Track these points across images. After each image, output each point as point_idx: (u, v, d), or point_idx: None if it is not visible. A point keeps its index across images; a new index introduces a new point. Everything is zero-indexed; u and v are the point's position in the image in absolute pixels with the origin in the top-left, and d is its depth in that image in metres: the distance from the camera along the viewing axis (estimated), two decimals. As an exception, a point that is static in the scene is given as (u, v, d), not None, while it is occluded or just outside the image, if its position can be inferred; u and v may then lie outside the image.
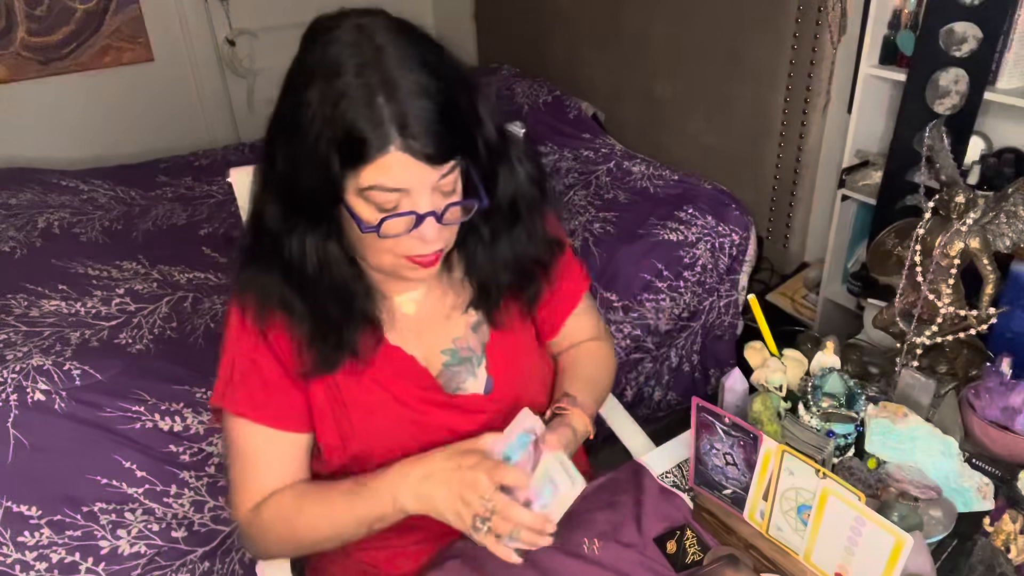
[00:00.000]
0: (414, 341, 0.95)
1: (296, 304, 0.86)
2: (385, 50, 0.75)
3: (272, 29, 3.24)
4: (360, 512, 0.87)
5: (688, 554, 0.93)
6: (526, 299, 1.00)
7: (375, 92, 0.73)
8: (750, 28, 2.27)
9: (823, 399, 0.98)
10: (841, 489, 0.76)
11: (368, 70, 0.74)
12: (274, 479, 0.92)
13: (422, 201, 0.78)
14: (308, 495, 0.91)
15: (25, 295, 1.79)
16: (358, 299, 0.88)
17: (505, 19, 3.30)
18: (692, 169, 2.44)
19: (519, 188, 0.90)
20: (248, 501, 0.92)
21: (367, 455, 0.93)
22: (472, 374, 0.98)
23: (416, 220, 0.79)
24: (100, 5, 2.86)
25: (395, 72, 0.74)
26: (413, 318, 0.96)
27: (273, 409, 0.90)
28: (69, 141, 2.96)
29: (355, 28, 0.77)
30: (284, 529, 0.91)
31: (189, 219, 2.34)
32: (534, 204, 0.93)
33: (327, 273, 0.85)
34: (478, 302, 0.97)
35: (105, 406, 1.47)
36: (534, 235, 0.95)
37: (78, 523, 1.43)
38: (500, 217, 0.91)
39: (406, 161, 0.75)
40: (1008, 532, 0.88)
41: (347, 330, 0.88)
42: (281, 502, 0.91)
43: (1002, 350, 1.08)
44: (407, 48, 0.76)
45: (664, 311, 2.04)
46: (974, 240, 1.04)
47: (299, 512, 0.90)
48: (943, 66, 1.72)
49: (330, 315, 0.87)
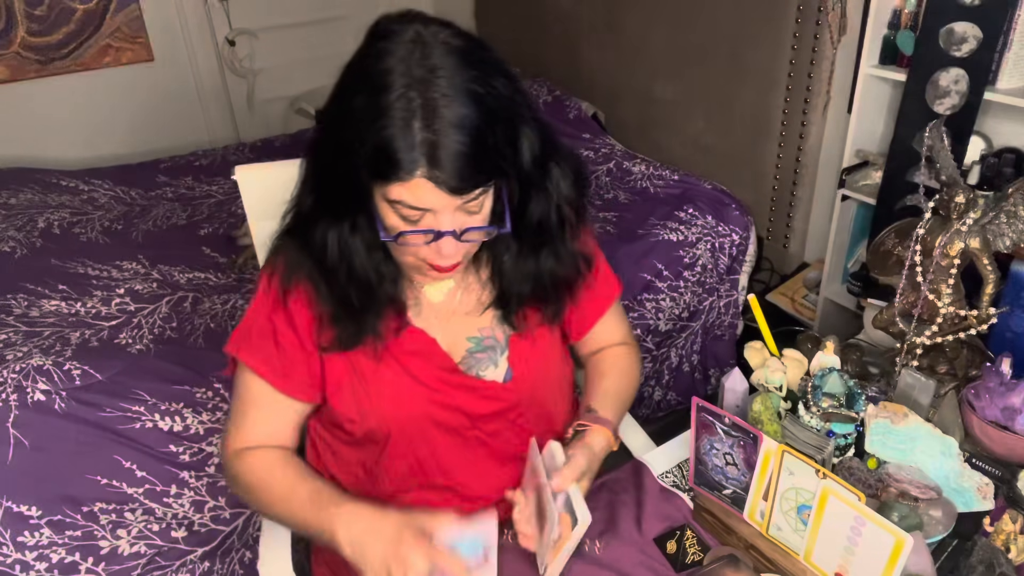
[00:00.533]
0: (438, 326, 0.97)
1: (321, 285, 0.90)
2: (436, 72, 0.75)
3: (272, 29, 3.24)
4: (308, 519, 0.90)
5: (688, 554, 0.93)
6: (548, 313, 1.01)
7: (414, 115, 0.74)
8: (750, 28, 2.27)
9: (823, 399, 0.98)
10: (841, 489, 0.76)
11: (413, 91, 0.74)
12: (265, 434, 0.97)
13: (445, 220, 0.80)
14: (283, 473, 0.94)
15: (25, 295, 1.79)
16: (384, 283, 0.91)
17: (505, 19, 3.30)
18: (692, 169, 2.44)
19: (548, 213, 0.91)
20: (237, 443, 0.97)
21: (384, 430, 0.96)
22: (494, 363, 1.00)
23: (434, 236, 0.81)
24: (100, 5, 2.86)
25: (439, 100, 0.74)
26: (440, 305, 0.98)
27: (281, 371, 0.94)
28: (69, 141, 2.96)
29: (414, 40, 0.77)
30: (251, 486, 0.95)
31: (189, 219, 2.34)
32: (564, 227, 0.94)
33: (347, 264, 0.87)
34: (497, 306, 0.99)
35: (105, 406, 1.47)
36: (561, 256, 0.96)
37: (78, 523, 1.43)
38: (528, 235, 0.93)
39: (430, 188, 0.76)
40: (1008, 532, 0.88)
41: (369, 315, 0.91)
42: (259, 464, 0.95)
43: (1002, 350, 1.08)
44: (459, 74, 0.76)
45: (664, 311, 2.04)
46: (974, 240, 1.04)
47: (268, 483, 0.94)
48: (943, 66, 1.72)
49: (352, 301, 0.89)
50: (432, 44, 0.77)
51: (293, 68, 3.36)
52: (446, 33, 0.79)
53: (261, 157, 2.74)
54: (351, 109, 0.77)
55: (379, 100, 0.75)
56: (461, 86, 0.75)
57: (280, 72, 3.34)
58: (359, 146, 0.77)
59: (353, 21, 3.49)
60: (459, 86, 0.75)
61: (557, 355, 1.07)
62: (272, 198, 1.25)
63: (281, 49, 3.30)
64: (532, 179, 0.87)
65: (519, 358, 1.00)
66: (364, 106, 0.76)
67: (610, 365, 1.11)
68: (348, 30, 3.49)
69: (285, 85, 3.35)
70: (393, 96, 0.74)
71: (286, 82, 3.35)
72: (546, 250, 0.95)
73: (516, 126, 0.82)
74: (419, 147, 0.74)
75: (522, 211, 0.89)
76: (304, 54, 3.36)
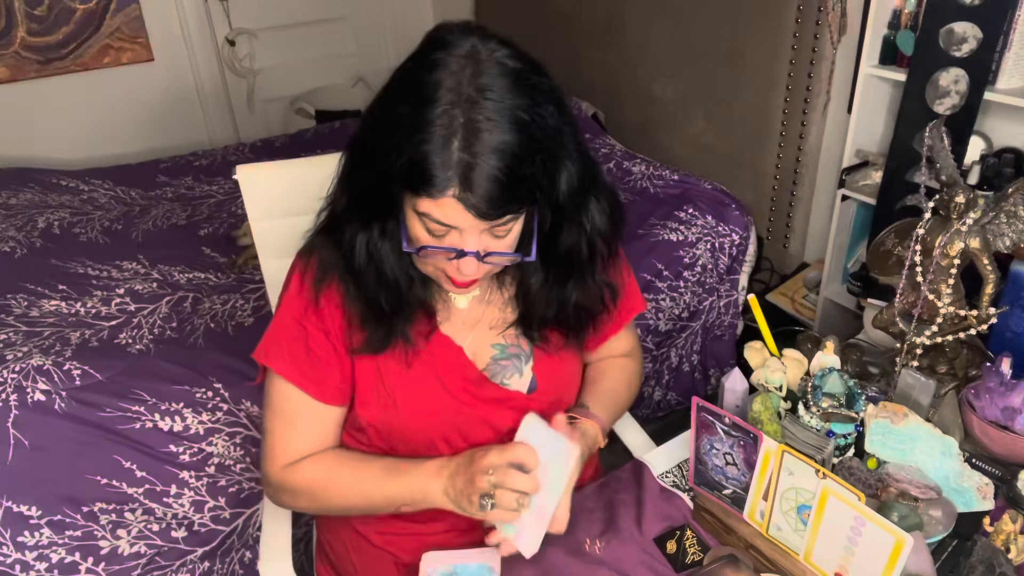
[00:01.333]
0: (464, 333, 0.97)
1: (351, 286, 0.89)
2: (484, 93, 0.74)
3: (272, 29, 3.24)
4: (391, 493, 0.92)
5: (688, 554, 0.93)
6: (571, 340, 1.01)
7: (455, 134, 0.73)
8: (750, 28, 2.27)
9: (823, 399, 0.98)
10: (841, 489, 0.76)
11: (457, 109, 0.73)
12: (309, 443, 0.97)
13: (470, 240, 0.80)
14: (344, 464, 0.96)
15: (25, 295, 1.79)
16: (415, 287, 0.90)
17: (505, 19, 3.30)
18: (692, 169, 2.44)
19: (579, 244, 0.90)
20: (282, 459, 0.96)
21: (405, 436, 0.96)
22: (519, 371, 0.99)
23: (457, 254, 0.80)
24: (100, 5, 2.86)
25: (482, 122, 0.73)
26: (466, 312, 0.98)
27: (314, 377, 0.93)
28: (69, 141, 2.96)
29: (469, 55, 0.75)
30: (318, 492, 0.96)
31: (189, 219, 2.34)
32: (594, 260, 0.93)
33: (374, 267, 0.87)
34: (519, 325, 0.98)
35: (105, 406, 1.47)
36: (588, 287, 0.95)
37: (78, 523, 1.43)
38: (556, 264, 0.92)
39: (459, 208, 0.75)
40: (1008, 532, 0.88)
41: (398, 318, 0.90)
42: (319, 467, 0.96)
43: (1002, 350, 1.08)
44: (508, 98, 0.74)
45: (664, 311, 2.04)
46: (974, 240, 1.04)
47: (335, 479, 0.95)
48: (943, 66, 1.72)
49: (382, 304, 0.89)
50: (486, 62, 0.75)
51: (293, 68, 3.36)
52: (503, 52, 0.77)
53: (261, 157, 2.74)
54: (394, 115, 0.76)
55: (422, 113, 0.74)
56: (508, 111, 0.74)
57: (280, 72, 3.34)
58: (396, 156, 0.75)
59: (353, 21, 3.49)
60: (505, 111, 0.74)
61: (577, 363, 1.07)
62: (273, 198, 1.26)
63: (281, 49, 3.30)
64: (566, 210, 0.86)
65: (544, 366, 1.00)
66: (407, 115, 0.75)
67: (607, 373, 1.11)
68: (348, 30, 3.49)
69: (285, 85, 3.35)
70: (437, 111, 0.73)
71: (286, 82, 3.35)
72: (573, 280, 0.94)
73: (558, 158, 0.81)
74: (454, 167, 0.73)
75: (553, 239, 0.89)
76: (304, 54, 3.36)
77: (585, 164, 0.86)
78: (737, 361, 2.23)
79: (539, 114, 0.76)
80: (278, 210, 1.25)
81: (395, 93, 0.78)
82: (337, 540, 1.10)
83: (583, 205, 0.88)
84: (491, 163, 0.73)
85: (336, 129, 2.98)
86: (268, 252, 1.28)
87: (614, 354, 1.13)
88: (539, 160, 0.77)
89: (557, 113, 0.79)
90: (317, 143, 2.87)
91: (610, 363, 1.13)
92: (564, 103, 0.81)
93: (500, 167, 0.74)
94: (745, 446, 0.85)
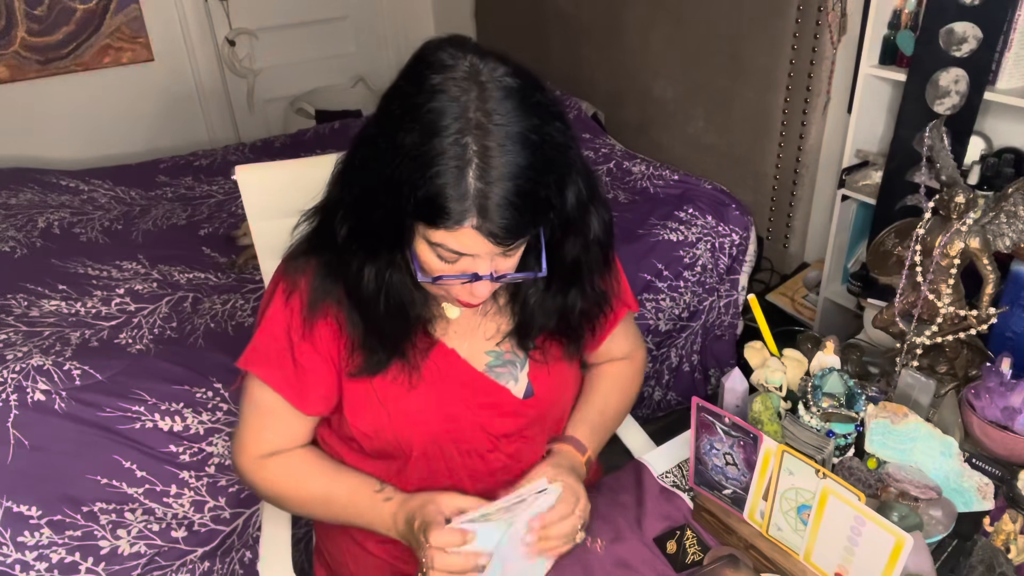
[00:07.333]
0: (459, 341, 0.96)
1: (353, 314, 0.88)
2: (492, 118, 0.72)
3: (272, 29, 3.24)
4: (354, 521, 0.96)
5: (688, 554, 0.93)
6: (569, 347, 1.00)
7: (468, 164, 0.71)
8: (750, 28, 2.27)
9: (823, 399, 0.98)
10: (841, 489, 0.76)
11: (468, 136, 0.71)
12: (281, 441, 0.98)
13: (483, 265, 0.79)
14: (316, 471, 0.97)
15: (25, 295, 1.79)
16: (416, 307, 0.89)
17: (505, 19, 3.30)
18: (692, 169, 2.44)
19: (583, 253, 0.91)
20: (254, 451, 0.97)
21: (401, 448, 0.95)
22: (514, 378, 0.98)
23: (471, 278, 0.80)
24: (100, 5, 2.86)
25: (494, 149, 0.72)
26: (460, 321, 0.97)
27: (298, 390, 0.93)
28: (69, 141, 2.96)
29: (469, 77, 0.73)
30: (286, 490, 0.97)
31: (189, 219, 2.34)
32: (595, 267, 0.94)
33: (384, 297, 0.86)
34: (515, 335, 0.97)
35: (105, 406, 1.47)
36: (588, 293, 0.96)
37: (78, 523, 1.43)
38: (561, 273, 0.92)
39: (476, 237, 0.74)
40: (1008, 532, 0.88)
41: (402, 341, 0.90)
42: (284, 471, 0.97)
43: (1002, 350, 1.08)
44: (517, 121, 0.73)
45: (664, 311, 2.04)
46: (974, 240, 1.04)
47: (304, 482, 0.97)
48: (943, 66, 1.72)
49: (386, 332, 0.88)
50: (489, 85, 0.73)
51: (293, 68, 3.36)
52: (503, 71, 0.75)
53: (261, 157, 2.74)
54: (400, 146, 0.73)
55: (432, 144, 0.71)
56: (518, 135, 0.72)
57: (280, 72, 3.34)
58: (408, 190, 0.73)
59: (353, 21, 3.49)
60: (516, 135, 0.72)
61: (575, 373, 1.06)
62: (272, 198, 1.26)
63: (281, 49, 3.30)
64: (572, 222, 0.86)
65: (539, 371, 0.99)
66: (414, 146, 0.72)
67: (606, 382, 1.11)
68: (348, 30, 3.49)
69: (285, 85, 3.36)
70: (447, 141, 0.71)
71: (286, 82, 3.35)
72: (575, 288, 0.94)
73: (567, 174, 0.81)
74: (472, 198, 0.72)
75: (557, 249, 0.88)
76: (304, 54, 3.36)
77: (588, 176, 0.86)
78: (737, 361, 2.23)
79: (548, 133, 0.75)
80: (277, 210, 1.25)
81: (396, 120, 0.74)
82: (335, 547, 1.09)
83: (586, 215, 0.88)
84: (507, 189, 0.72)
85: (336, 129, 2.98)
86: (268, 252, 1.28)
87: (613, 356, 1.13)
88: (551, 180, 0.77)
89: (563, 129, 0.78)
90: (317, 143, 2.87)
91: (603, 372, 1.12)
92: (565, 117, 0.80)
93: (516, 193, 0.73)
94: (745, 446, 0.85)
